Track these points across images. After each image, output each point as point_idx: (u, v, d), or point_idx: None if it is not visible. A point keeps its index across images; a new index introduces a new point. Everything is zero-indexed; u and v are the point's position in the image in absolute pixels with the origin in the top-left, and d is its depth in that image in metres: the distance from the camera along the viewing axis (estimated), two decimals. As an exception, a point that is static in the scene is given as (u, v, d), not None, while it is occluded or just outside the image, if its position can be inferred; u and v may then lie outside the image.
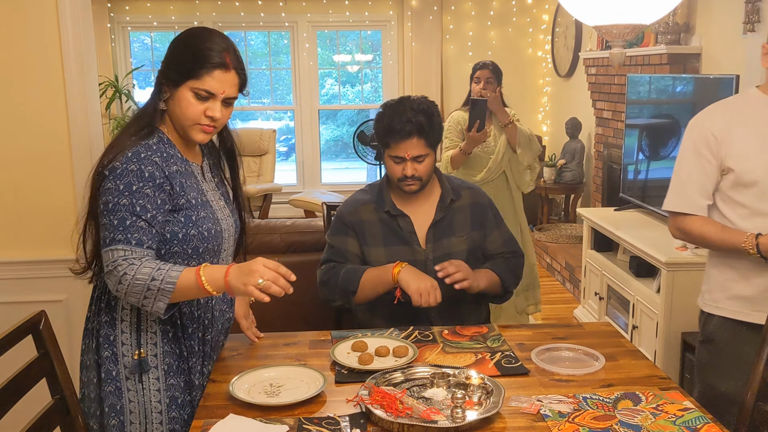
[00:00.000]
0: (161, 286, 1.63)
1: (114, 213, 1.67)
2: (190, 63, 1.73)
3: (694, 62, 4.24)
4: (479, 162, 3.89)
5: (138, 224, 1.67)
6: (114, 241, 1.65)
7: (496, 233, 2.44)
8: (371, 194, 2.41)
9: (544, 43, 7.55)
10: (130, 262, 1.64)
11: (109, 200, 1.67)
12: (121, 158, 1.70)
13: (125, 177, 1.68)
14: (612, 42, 2.15)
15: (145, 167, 1.70)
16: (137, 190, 1.68)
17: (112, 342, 1.77)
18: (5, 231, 2.72)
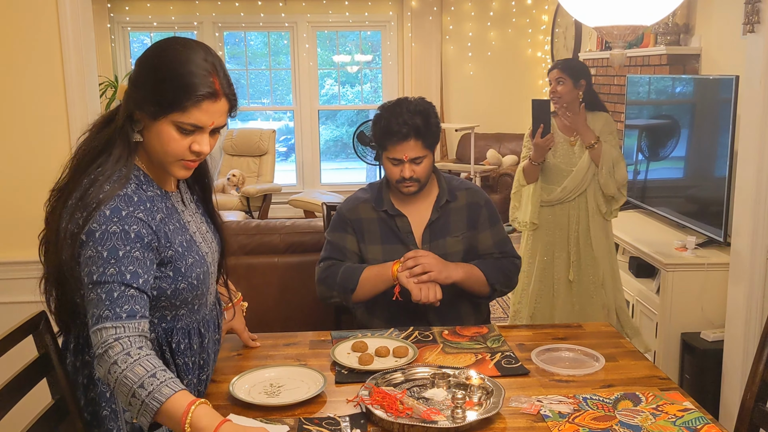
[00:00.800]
0: (146, 400, 1.34)
1: (101, 286, 1.42)
2: (171, 95, 1.45)
3: (694, 63, 4.24)
4: (559, 175, 3.31)
5: (128, 293, 1.43)
6: (101, 319, 1.40)
7: (487, 232, 2.41)
8: (371, 193, 2.42)
9: (543, 44, 7.55)
10: (124, 347, 1.39)
11: (93, 271, 1.43)
12: (98, 219, 1.45)
13: (108, 241, 1.44)
14: (612, 43, 2.15)
15: (129, 227, 1.46)
16: (125, 255, 1.44)
17: (110, 398, 1.60)
18: (5, 231, 2.72)
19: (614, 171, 3.23)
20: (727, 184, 3.35)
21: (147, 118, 1.49)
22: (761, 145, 2.73)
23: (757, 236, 2.79)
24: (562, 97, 3.27)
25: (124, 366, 1.37)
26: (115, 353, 1.38)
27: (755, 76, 2.73)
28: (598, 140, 3.22)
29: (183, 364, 1.68)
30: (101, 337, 1.40)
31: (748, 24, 2.70)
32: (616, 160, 3.23)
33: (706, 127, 3.67)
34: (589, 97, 3.30)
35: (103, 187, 1.49)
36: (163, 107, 1.46)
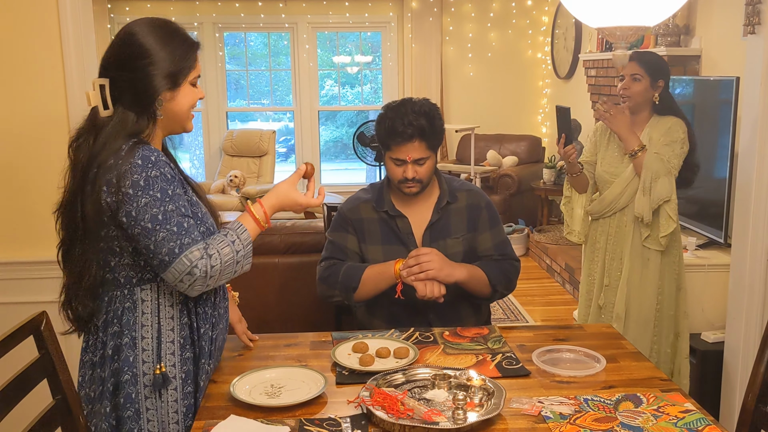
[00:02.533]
0: (245, 250, 1.69)
1: (168, 222, 1.60)
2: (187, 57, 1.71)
3: (694, 64, 4.24)
4: (604, 185, 2.97)
5: (191, 223, 1.64)
6: (184, 247, 1.60)
7: (487, 234, 2.41)
8: (372, 194, 2.42)
9: (543, 45, 7.55)
10: (208, 255, 1.62)
11: (156, 213, 1.59)
12: (133, 170, 1.59)
13: (155, 184, 1.60)
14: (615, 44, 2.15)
15: (163, 169, 1.63)
16: (173, 193, 1.63)
17: (132, 363, 1.68)
18: (6, 231, 2.72)
19: (651, 187, 2.77)
20: (727, 185, 3.35)
21: (170, 93, 1.68)
22: (762, 147, 2.73)
23: (757, 237, 2.79)
24: (633, 97, 2.84)
25: (218, 262, 1.63)
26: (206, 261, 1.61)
27: (755, 78, 2.73)
28: (642, 148, 2.78)
29: (203, 313, 1.78)
30: (191, 262, 1.60)
31: (749, 25, 2.70)
32: (656, 173, 2.76)
33: (706, 129, 3.67)
34: (664, 102, 2.88)
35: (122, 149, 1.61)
36: (183, 72, 1.69)
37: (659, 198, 2.79)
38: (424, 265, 2.19)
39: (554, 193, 6.35)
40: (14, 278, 2.72)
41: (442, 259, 2.23)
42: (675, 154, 2.81)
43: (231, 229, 1.70)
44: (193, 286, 1.62)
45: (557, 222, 6.60)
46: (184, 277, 1.60)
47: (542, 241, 5.99)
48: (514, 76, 7.66)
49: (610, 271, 2.98)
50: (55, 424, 1.64)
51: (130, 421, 1.68)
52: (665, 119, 2.87)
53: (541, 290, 5.37)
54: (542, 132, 7.63)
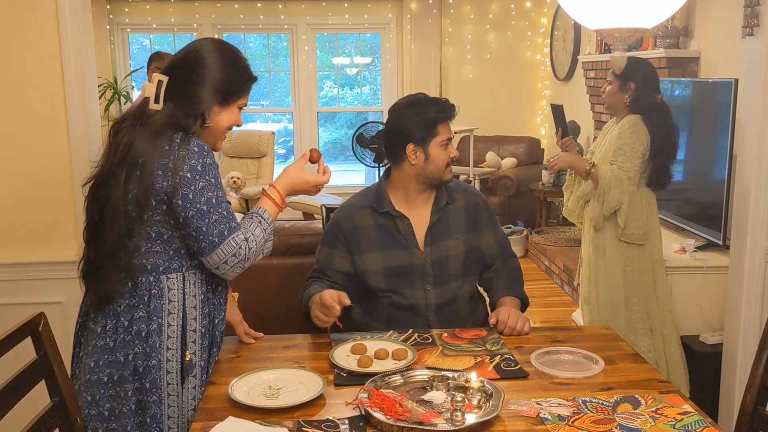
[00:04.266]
0: (270, 230, 1.85)
1: (221, 205, 1.75)
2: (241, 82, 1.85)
3: (693, 66, 4.25)
4: None
5: (230, 209, 1.80)
6: (232, 230, 1.76)
7: (489, 233, 2.43)
8: (368, 197, 2.40)
9: (542, 47, 7.56)
10: (245, 238, 1.77)
11: (211, 196, 1.74)
12: (191, 156, 1.72)
13: (210, 171, 1.75)
14: (613, 46, 2.15)
15: (213, 159, 1.78)
16: (218, 181, 1.78)
17: (158, 349, 1.75)
18: (4, 232, 2.72)
19: (604, 198, 3.00)
20: (726, 187, 3.35)
21: (218, 108, 1.82)
22: (760, 148, 2.73)
23: (756, 239, 2.79)
24: (606, 99, 3.15)
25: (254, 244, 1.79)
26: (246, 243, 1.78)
27: (754, 80, 2.73)
28: (593, 165, 3.05)
29: (218, 304, 1.89)
30: (236, 244, 1.76)
31: (748, 27, 2.70)
32: (608, 186, 2.99)
33: (705, 130, 3.67)
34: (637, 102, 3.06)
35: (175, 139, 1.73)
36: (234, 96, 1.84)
37: (610, 207, 3.01)
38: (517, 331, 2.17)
39: (553, 195, 6.35)
40: (13, 279, 2.72)
41: (517, 314, 2.22)
42: (627, 158, 3.00)
43: (255, 213, 1.85)
44: (234, 267, 1.77)
45: (556, 224, 6.60)
46: (230, 258, 1.75)
47: (541, 242, 5.99)
48: (513, 78, 7.67)
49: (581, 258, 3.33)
50: (52, 426, 1.64)
51: (154, 405, 1.74)
52: (625, 119, 3.09)
53: (539, 292, 5.38)
54: (541, 134, 7.63)
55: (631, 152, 3.00)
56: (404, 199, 2.37)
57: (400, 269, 2.31)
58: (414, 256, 2.32)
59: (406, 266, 2.31)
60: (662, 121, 3.07)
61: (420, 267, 2.32)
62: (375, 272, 2.32)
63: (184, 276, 1.81)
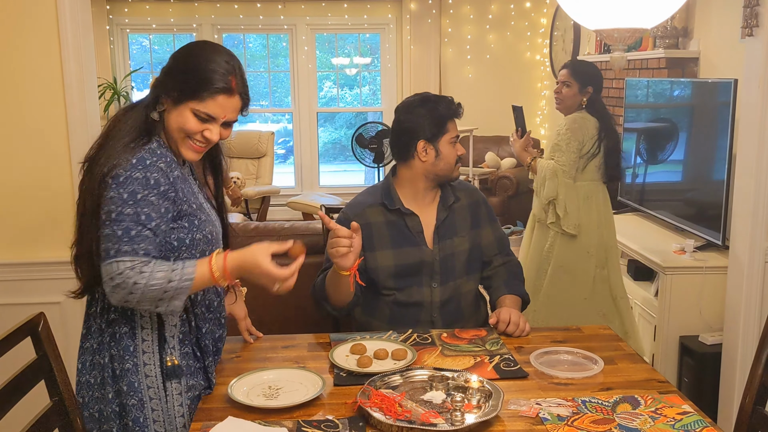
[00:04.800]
0: (179, 286, 1.62)
1: (118, 223, 1.61)
2: (193, 83, 1.68)
3: (693, 66, 4.24)
4: None
5: (143, 233, 1.62)
6: (120, 253, 1.59)
7: (488, 229, 2.46)
8: (377, 195, 2.40)
9: (542, 47, 7.56)
10: (139, 270, 1.59)
11: (112, 210, 1.61)
12: (125, 165, 1.63)
13: (129, 185, 1.62)
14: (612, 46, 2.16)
15: (150, 174, 1.64)
16: (142, 198, 1.63)
17: (133, 353, 1.71)
18: (4, 232, 2.72)
19: (540, 190, 3.37)
20: (725, 187, 3.35)
21: (170, 103, 1.70)
22: (760, 149, 2.73)
23: (755, 239, 2.79)
24: (564, 101, 3.37)
25: (144, 281, 1.58)
26: (133, 275, 1.59)
27: (754, 80, 2.73)
28: (534, 159, 3.43)
29: (201, 314, 1.81)
30: (117, 269, 1.59)
31: (747, 27, 2.70)
32: (543, 178, 3.35)
33: (704, 131, 3.68)
34: (590, 104, 3.36)
35: (129, 145, 1.68)
36: (185, 94, 1.68)
37: (546, 197, 3.36)
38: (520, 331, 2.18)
39: (553, 195, 6.34)
40: (12, 279, 2.72)
41: (518, 314, 2.22)
42: (563, 153, 3.34)
43: (183, 262, 1.67)
44: (112, 292, 1.61)
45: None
46: (107, 279, 1.60)
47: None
48: (512, 78, 7.67)
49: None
50: (52, 426, 1.64)
51: (135, 409, 1.71)
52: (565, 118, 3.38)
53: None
54: (541, 134, 7.63)
55: (566, 148, 3.32)
56: (412, 197, 2.37)
57: (410, 267, 2.32)
58: (424, 254, 2.33)
59: (416, 264, 2.32)
60: (611, 122, 3.43)
61: (429, 264, 2.33)
62: (386, 269, 2.32)
63: None
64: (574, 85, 3.34)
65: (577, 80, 3.34)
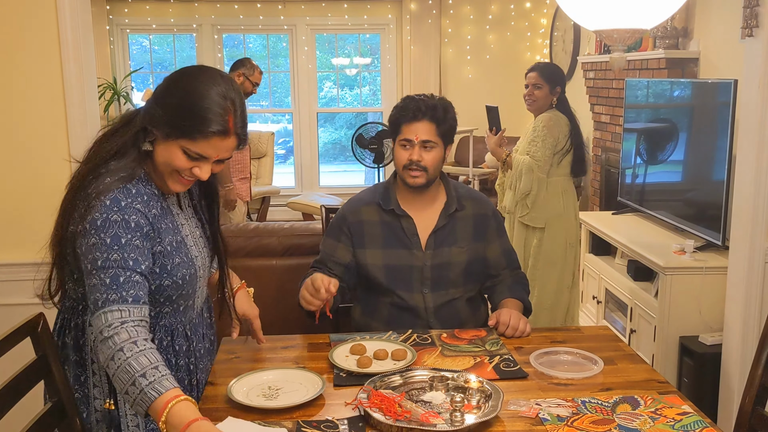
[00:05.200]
0: (145, 389, 1.40)
1: (105, 270, 1.50)
2: (186, 123, 1.54)
3: (693, 67, 4.25)
4: None
5: (133, 278, 1.51)
6: (108, 302, 1.47)
7: (496, 244, 2.41)
8: (376, 193, 2.39)
9: (542, 47, 7.56)
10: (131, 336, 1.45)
11: (97, 257, 1.51)
12: (99, 208, 1.53)
13: (110, 229, 1.52)
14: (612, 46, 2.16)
15: (129, 216, 1.55)
16: (126, 243, 1.53)
17: (83, 383, 1.67)
18: (4, 232, 2.71)
19: (516, 184, 3.61)
20: (725, 187, 3.35)
21: (159, 136, 1.59)
22: (760, 149, 2.73)
23: (755, 240, 2.79)
24: (537, 101, 3.62)
25: (130, 354, 1.43)
26: (122, 340, 1.44)
27: (754, 80, 2.73)
28: (509, 155, 3.65)
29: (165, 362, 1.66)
30: (106, 321, 1.46)
31: (747, 28, 2.70)
32: (519, 174, 3.60)
33: (704, 131, 3.68)
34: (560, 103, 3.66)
35: (105, 180, 1.58)
36: (176, 132, 1.55)
37: (522, 192, 3.60)
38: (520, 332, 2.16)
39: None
40: (13, 279, 2.72)
41: (518, 315, 2.20)
42: (538, 149, 3.58)
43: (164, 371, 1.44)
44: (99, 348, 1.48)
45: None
46: (97, 334, 1.48)
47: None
48: (512, 78, 7.65)
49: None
50: (51, 427, 1.64)
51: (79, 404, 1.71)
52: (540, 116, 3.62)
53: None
54: (541, 134, 7.62)
55: (542, 144, 3.56)
56: (410, 198, 2.36)
57: (400, 269, 2.31)
58: (414, 258, 2.32)
59: (405, 266, 2.31)
60: (577, 120, 3.69)
61: (419, 269, 2.31)
62: (375, 268, 2.32)
63: None
64: (544, 86, 3.59)
65: (547, 81, 3.59)
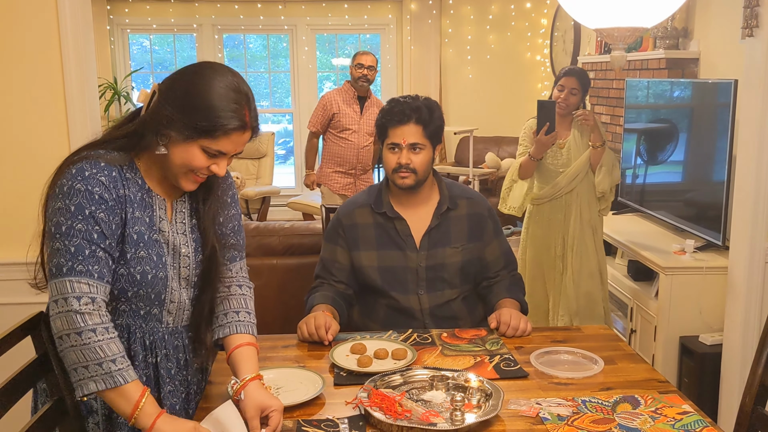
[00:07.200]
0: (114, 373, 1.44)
1: (69, 238, 1.47)
2: (206, 124, 1.52)
3: (693, 67, 4.24)
4: (550, 175, 3.58)
5: (98, 254, 1.49)
6: (74, 272, 1.46)
7: (494, 244, 2.41)
8: (369, 196, 2.40)
9: (542, 47, 7.56)
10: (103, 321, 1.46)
11: (62, 222, 1.49)
12: (65, 174, 1.52)
13: (74, 197, 1.50)
14: (612, 45, 2.16)
15: (92, 188, 1.51)
16: (90, 214, 1.50)
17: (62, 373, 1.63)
18: (4, 232, 2.72)
19: (612, 170, 3.51)
20: (725, 188, 3.35)
21: (177, 137, 1.55)
22: (760, 149, 2.73)
23: (755, 240, 2.79)
24: (569, 107, 3.53)
25: (102, 337, 1.45)
26: (95, 323, 1.46)
27: (754, 81, 2.73)
28: (604, 142, 3.48)
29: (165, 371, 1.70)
30: (73, 290, 1.45)
31: (747, 28, 2.70)
32: (614, 161, 3.54)
33: (704, 131, 3.68)
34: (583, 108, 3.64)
35: (81, 153, 1.57)
36: (195, 133, 1.53)
37: (617, 179, 3.57)
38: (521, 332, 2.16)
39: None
40: (13, 279, 2.71)
41: (518, 315, 2.20)
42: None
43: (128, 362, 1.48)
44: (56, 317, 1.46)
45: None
46: (60, 299, 1.46)
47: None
48: (512, 79, 7.67)
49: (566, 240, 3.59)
50: (52, 425, 1.64)
51: None
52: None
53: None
54: (541, 134, 7.62)
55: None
56: (403, 199, 2.36)
57: (394, 270, 2.31)
58: (408, 260, 2.31)
59: (399, 268, 2.31)
60: None
61: (413, 270, 2.31)
62: (370, 269, 2.32)
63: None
64: (579, 93, 3.51)
65: (582, 89, 3.52)
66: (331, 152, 5.07)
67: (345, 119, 4.98)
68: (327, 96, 5.06)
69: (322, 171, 5.14)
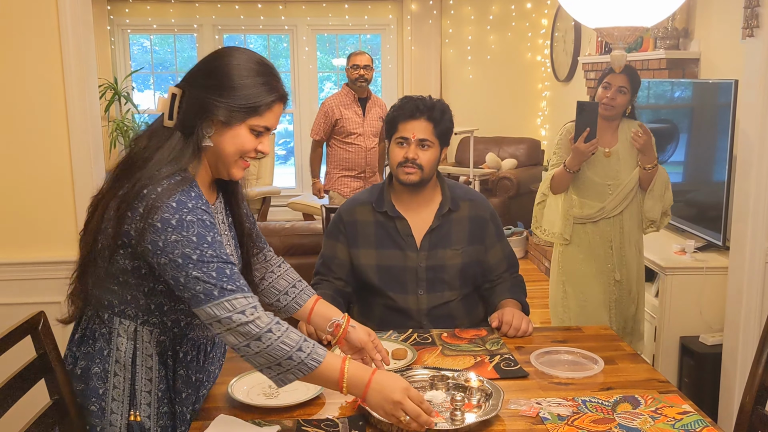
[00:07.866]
0: (305, 360, 1.50)
1: (206, 264, 1.48)
2: (251, 101, 1.54)
3: (693, 67, 4.25)
4: (595, 190, 3.06)
5: (235, 270, 1.53)
6: (226, 292, 1.48)
7: (497, 248, 2.40)
8: (372, 194, 2.40)
9: (543, 48, 7.56)
10: (272, 318, 1.50)
11: (189, 252, 1.48)
12: (167, 209, 1.48)
13: (190, 228, 1.49)
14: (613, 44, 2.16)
15: (201, 216, 1.52)
16: (213, 239, 1.52)
17: (101, 396, 1.63)
18: (4, 232, 2.72)
19: (663, 196, 3.06)
20: (726, 188, 3.35)
21: (221, 124, 1.55)
22: (760, 150, 2.73)
23: (755, 240, 2.79)
24: (616, 108, 3.02)
25: (279, 333, 1.49)
26: (266, 323, 1.49)
27: (754, 81, 2.73)
28: (655, 165, 3.01)
29: (185, 376, 1.69)
30: (233, 308, 1.48)
31: (748, 28, 2.70)
32: (666, 183, 3.05)
33: (705, 132, 3.68)
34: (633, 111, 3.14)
35: (162, 183, 1.51)
36: (241, 113, 1.55)
37: (670, 202, 3.09)
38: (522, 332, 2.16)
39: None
40: (13, 279, 2.72)
41: (520, 315, 2.20)
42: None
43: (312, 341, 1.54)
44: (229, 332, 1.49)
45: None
46: (223, 319, 1.48)
47: (541, 243, 5.99)
48: (513, 79, 7.67)
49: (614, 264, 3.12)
50: (52, 425, 1.64)
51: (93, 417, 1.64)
52: (631, 122, 3.09)
53: (539, 292, 5.37)
54: (541, 135, 7.63)
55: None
56: (406, 199, 2.36)
57: (394, 269, 2.31)
58: (408, 260, 2.31)
59: (399, 267, 2.31)
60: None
61: (413, 270, 2.31)
62: (368, 267, 2.32)
63: (137, 328, 1.61)
64: (629, 92, 3.02)
65: (632, 88, 3.03)
66: (339, 157, 5.01)
67: (349, 124, 4.95)
68: (327, 103, 5.02)
69: (330, 176, 5.08)
